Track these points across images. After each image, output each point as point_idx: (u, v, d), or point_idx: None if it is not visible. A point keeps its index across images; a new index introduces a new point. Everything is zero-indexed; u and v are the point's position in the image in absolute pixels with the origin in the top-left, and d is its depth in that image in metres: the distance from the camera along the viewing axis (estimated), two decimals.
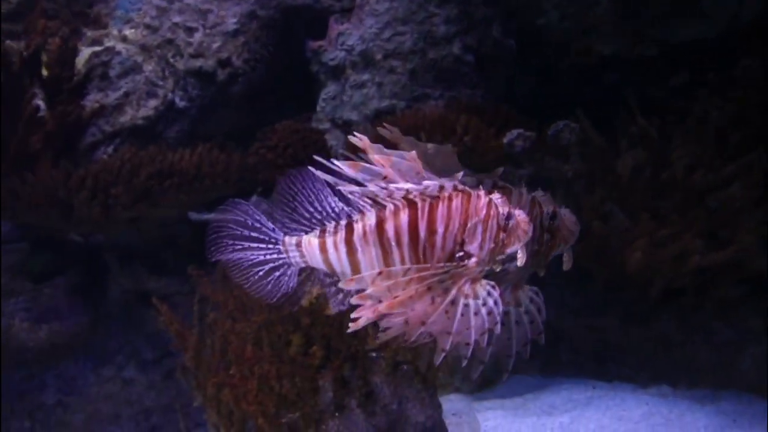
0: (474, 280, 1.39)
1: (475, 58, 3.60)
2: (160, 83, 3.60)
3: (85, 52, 3.66)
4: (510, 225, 1.40)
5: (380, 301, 1.35)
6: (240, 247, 1.57)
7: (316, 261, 1.51)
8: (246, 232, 1.57)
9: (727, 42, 4.19)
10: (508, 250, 1.41)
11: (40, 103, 3.09)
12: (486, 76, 3.74)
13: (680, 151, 3.56)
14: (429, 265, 1.35)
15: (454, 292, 1.36)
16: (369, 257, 1.43)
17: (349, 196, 1.43)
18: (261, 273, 1.56)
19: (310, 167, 1.44)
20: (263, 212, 1.61)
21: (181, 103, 3.65)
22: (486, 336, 1.34)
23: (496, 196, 1.41)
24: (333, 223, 1.49)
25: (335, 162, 1.35)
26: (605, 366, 3.62)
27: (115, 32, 3.72)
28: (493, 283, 1.39)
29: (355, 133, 1.37)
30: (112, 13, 3.75)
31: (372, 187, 1.36)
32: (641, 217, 3.21)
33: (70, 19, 3.76)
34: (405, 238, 1.39)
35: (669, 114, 3.84)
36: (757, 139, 3.60)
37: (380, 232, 1.41)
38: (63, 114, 2.97)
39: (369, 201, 1.43)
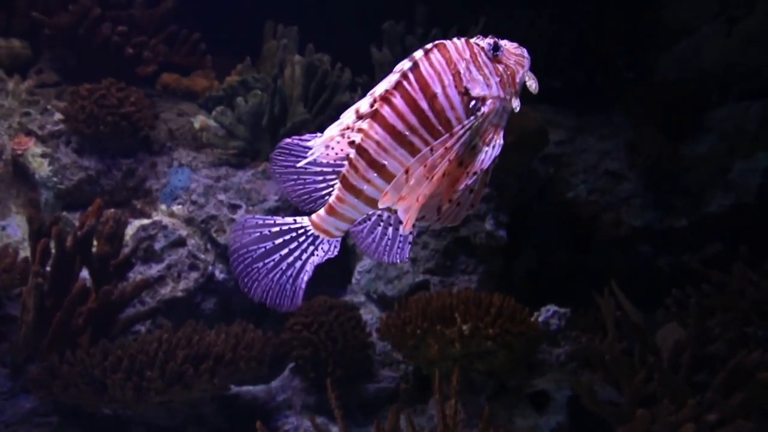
0: (497, 127, 1.26)
1: (508, 234, 3.68)
2: (202, 256, 3.74)
3: (134, 224, 3.85)
4: (501, 55, 1.29)
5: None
6: (271, 264, 1.38)
7: (358, 209, 1.31)
8: (269, 244, 1.37)
9: (759, 212, 4.23)
10: (518, 78, 1.29)
11: (87, 281, 3.22)
12: (519, 250, 3.80)
13: (722, 328, 3.48)
14: (449, 134, 1.22)
15: (480, 144, 1.24)
16: (399, 161, 1.25)
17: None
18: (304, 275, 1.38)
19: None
20: None
21: (220, 276, 3.77)
22: (477, 177, 1.24)
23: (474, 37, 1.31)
24: (345, 164, 1.29)
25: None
26: None
27: (163, 207, 3.94)
28: (501, 141, 1.27)
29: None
30: (162, 189, 4.00)
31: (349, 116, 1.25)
32: (687, 402, 3.07)
33: (123, 195, 4.01)
34: (413, 119, 1.24)
35: (705, 285, 3.80)
36: None
37: (387, 128, 1.24)
38: (107, 293, 3.07)
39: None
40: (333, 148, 1.29)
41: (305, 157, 1.32)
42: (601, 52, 4.73)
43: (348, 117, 1.27)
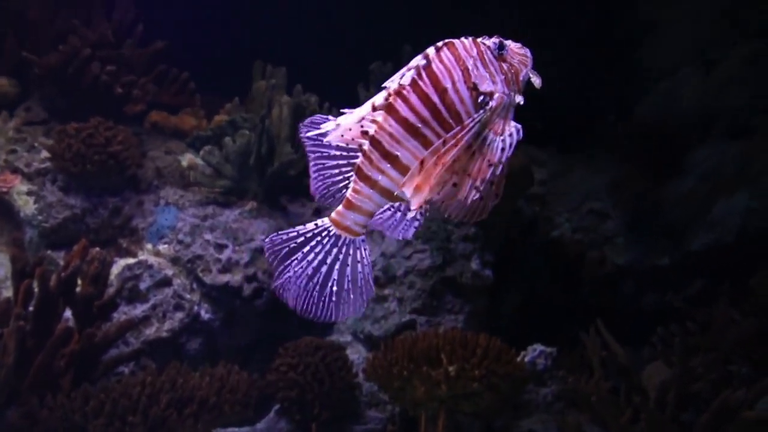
0: (506, 119, 1.34)
1: (493, 273, 3.71)
2: (188, 296, 3.72)
3: (119, 263, 3.83)
4: (506, 54, 1.37)
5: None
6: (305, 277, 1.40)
7: (373, 200, 1.36)
8: (298, 255, 1.40)
9: (739, 250, 4.30)
10: (522, 77, 1.36)
11: (70, 322, 3.18)
12: (505, 289, 3.82)
13: (706, 366, 3.50)
14: (460, 126, 1.30)
15: (490, 135, 1.32)
16: (411, 153, 1.32)
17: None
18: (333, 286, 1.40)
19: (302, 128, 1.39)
20: None
21: (205, 316, 3.74)
22: (498, 168, 1.30)
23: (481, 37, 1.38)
24: (359, 156, 1.35)
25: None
26: None
27: (149, 246, 3.93)
28: (519, 125, 1.34)
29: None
30: (149, 227, 3.99)
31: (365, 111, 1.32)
32: None
33: (109, 233, 4.00)
34: (425, 112, 1.32)
35: (689, 323, 3.83)
36: None
37: (400, 121, 1.32)
38: (90, 336, 3.04)
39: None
40: (344, 139, 1.36)
41: (327, 150, 1.40)
42: (583, 94, 4.84)
43: (364, 109, 1.34)
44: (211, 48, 5.08)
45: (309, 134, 1.38)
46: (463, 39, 1.36)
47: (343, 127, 1.34)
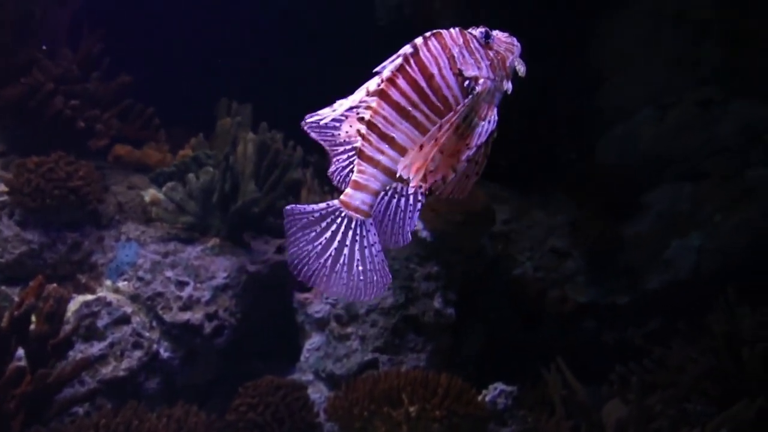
0: (490, 105, 1.41)
1: (456, 311, 3.74)
2: (147, 334, 3.65)
3: (77, 300, 3.75)
4: (492, 42, 1.44)
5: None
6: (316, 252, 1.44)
7: (378, 179, 1.42)
8: (311, 231, 1.45)
9: (694, 288, 4.42)
10: (508, 63, 1.44)
11: (23, 362, 3.09)
12: (467, 327, 3.84)
13: (663, 404, 3.56)
14: (453, 112, 1.37)
15: (475, 119, 1.39)
16: (405, 134, 1.40)
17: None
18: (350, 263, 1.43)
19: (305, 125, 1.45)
20: None
21: (165, 354, 3.68)
22: (473, 150, 1.39)
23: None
24: (359, 139, 1.43)
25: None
26: None
27: (108, 283, 3.86)
28: (496, 116, 1.41)
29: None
30: (108, 264, 3.92)
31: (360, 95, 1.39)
32: None
33: (68, 269, 3.92)
34: (414, 96, 1.40)
35: (647, 360, 3.91)
36: (737, 391, 3.63)
37: (392, 104, 1.40)
38: (43, 376, 2.96)
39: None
40: (347, 131, 1.44)
41: (333, 137, 1.47)
42: (544, 135, 4.97)
43: (359, 94, 1.42)
44: (178, 81, 5.09)
45: (310, 119, 1.46)
46: (450, 29, 1.45)
47: (342, 109, 1.42)
